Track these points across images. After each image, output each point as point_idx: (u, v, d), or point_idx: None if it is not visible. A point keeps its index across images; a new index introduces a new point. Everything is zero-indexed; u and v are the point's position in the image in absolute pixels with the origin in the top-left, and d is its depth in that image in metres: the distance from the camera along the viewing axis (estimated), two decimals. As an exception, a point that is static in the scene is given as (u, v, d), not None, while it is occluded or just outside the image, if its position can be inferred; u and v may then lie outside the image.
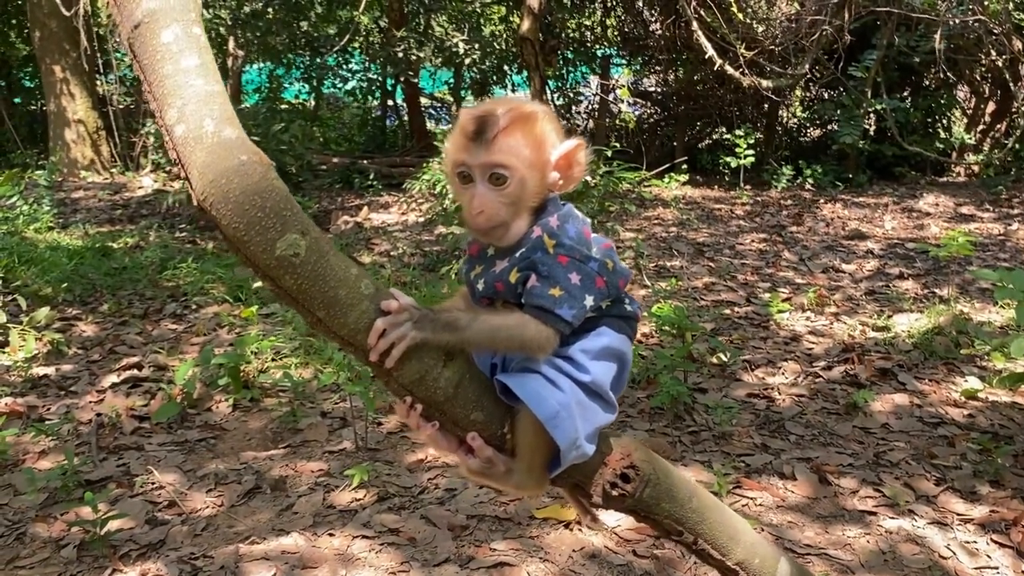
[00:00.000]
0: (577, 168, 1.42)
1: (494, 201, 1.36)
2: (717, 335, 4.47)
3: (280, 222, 1.15)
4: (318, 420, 3.51)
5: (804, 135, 11.37)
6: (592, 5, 10.88)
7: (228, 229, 1.14)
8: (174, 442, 3.34)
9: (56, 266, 5.60)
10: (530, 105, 1.43)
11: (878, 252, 6.60)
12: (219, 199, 1.13)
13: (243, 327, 4.61)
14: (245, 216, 1.13)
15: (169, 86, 1.16)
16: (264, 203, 1.14)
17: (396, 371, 1.25)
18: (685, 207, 8.17)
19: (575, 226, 1.39)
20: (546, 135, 1.40)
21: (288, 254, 1.15)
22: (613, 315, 1.44)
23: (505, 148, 1.35)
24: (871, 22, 8.93)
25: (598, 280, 1.37)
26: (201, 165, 1.14)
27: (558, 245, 1.35)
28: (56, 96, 9.83)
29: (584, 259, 1.36)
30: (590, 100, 11.30)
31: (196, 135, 1.15)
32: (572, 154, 1.41)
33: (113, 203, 8.64)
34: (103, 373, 4.08)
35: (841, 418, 3.53)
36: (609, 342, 1.42)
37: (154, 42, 1.17)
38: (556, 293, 1.32)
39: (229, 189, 1.13)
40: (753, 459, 3.14)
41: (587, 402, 1.37)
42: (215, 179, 1.13)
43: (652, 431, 3.35)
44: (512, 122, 1.36)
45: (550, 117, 1.43)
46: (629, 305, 1.47)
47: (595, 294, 1.36)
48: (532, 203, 1.39)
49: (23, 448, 3.26)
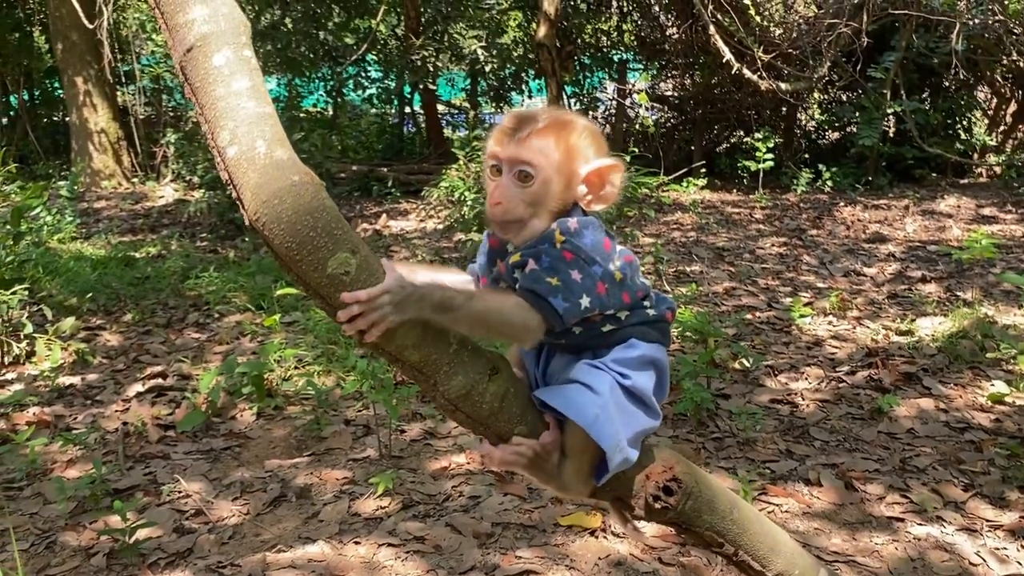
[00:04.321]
0: (609, 189, 1.43)
1: (515, 196, 1.37)
2: (739, 340, 4.45)
3: (331, 241, 1.16)
4: (342, 428, 3.52)
5: (823, 138, 11.31)
6: (608, 10, 10.87)
7: (280, 248, 1.16)
8: (199, 450, 3.37)
9: (80, 276, 5.66)
10: (576, 117, 1.46)
11: (899, 255, 6.55)
12: (272, 219, 1.15)
13: (265, 335, 4.64)
14: (297, 236, 1.15)
15: (221, 108, 1.18)
16: (316, 223, 1.15)
17: (442, 385, 1.26)
18: (704, 211, 8.15)
19: (594, 235, 1.39)
20: (581, 147, 1.41)
21: (339, 272, 1.17)
22: (636, 324, 1.43)
23: (535, 147, 1.37)
24: (889, 23, 8.88)
25: (599, 285, 1.36)
26: (254, 186, 1.16)
27: (567, 241, 1.35)
28: (78, 107, 9.95)
29: (589, 261, 1.35)
30: (607, 105, 11.29)
31: (248, 156, 1.17)
32: (605, 172, 1.42)
33: (135, 213, 8.73)
34: (128, 382, 4.11)
35: (866, 423, 3.51)
36: (643, 352, 1.42)
37: (206, 65, 1.19)
38: (553, 282, 1.31)
39: (282, 209, 1.14)
40: (778, 465, 3.13)
41: (628, 406, 1.38)
42: (268, 200, 1.15)
43: (676, 437, 3.34)
44: (549, 125, 1.39)
45: (592, 133, 1.44)
46: (653, 308, 1.46)
47: (593, 298, 1.35)
48: (553, 207, 1.39)
49: (51, 457, 3.30)
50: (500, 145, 1.39)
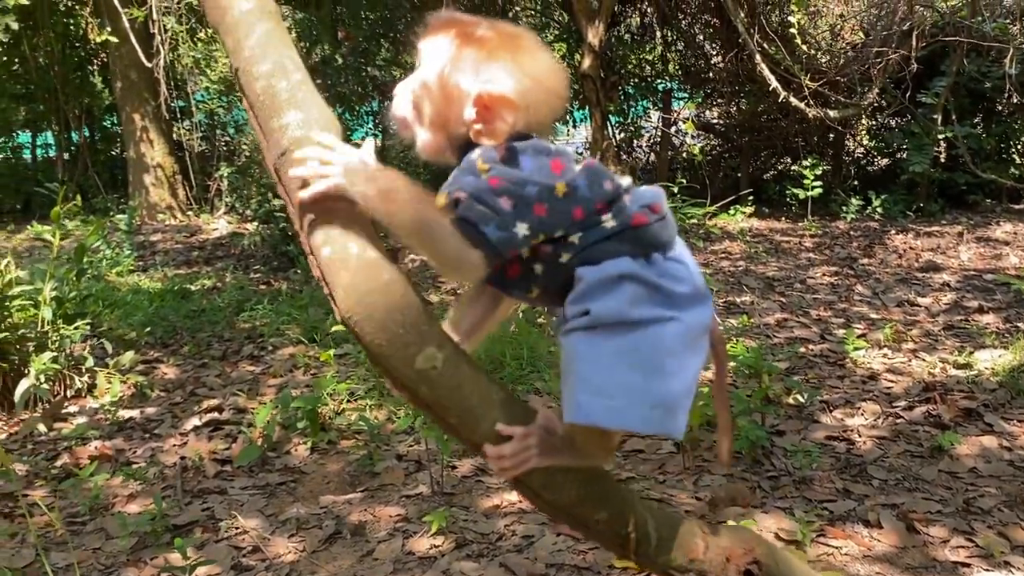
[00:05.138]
0: (498, 121, 1.25)
1: (403, 97, 1.31)
2: (792, 374, 4.39)
3: (419, 337, 1.20)
4: (394, 463, 3.55)
5: (872, 164, 11.17)
6: (652, 40, 10.91)
7: (371, 345, 1.19)
8: (255, 486, 3.42)
9: (138, 309, 5.81)
10: (514, 35, 1.30)
11: (954, 284, 6.42)
12: (363, 318, 1.18)
13: (318, 368, 4.71)
14: (387, 333, 1.18)
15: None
16: (405, 320, 1.19)
17: (524, 478, 1.28)
18: (752, 240, 8.09)
19: (535, 160, 1.23)
20: (485, 66, 1.25)
21: (427, 367, 1.20)
22: (594, 243, 1.25)
23: (430, 44, 1.28)
24: (939, 49, 8.78)
25: (536, 207, 1.20)
26: (346, 285, 1.19)
27: (491, 170, 1.21)
28: (136, 143, 10.25)
29: (520, 183, 1.20)
30: (652, 134, 11.30)
31: (342, 257, 1.20)
32: (497, 100, 1.24)
33: (189, 245, 8.93)
34: (185, 416, 4.20)
35: (926, 461, 3.44)
36: (603, 273, 1.24)
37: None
38: (482, 211, 1.18)
39: (373, 309, 1.18)
40: (836, 505, 3.07)
41: (601, 345, 1.21)
42: (360, 299, 1.18)
43: (730, 476, 3.30)
44: (460, 28, 1.27)
45: (521, 63, 1.26)
46: (614, 218, 1.26)
47: (532, 222, 1.20)
48: (438, 126, 1.28)
49: (113, 491, 3.38)
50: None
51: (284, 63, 1.28)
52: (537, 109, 1.28)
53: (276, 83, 1.25)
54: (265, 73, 1.26)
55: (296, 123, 1.23)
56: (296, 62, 1.30)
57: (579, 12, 9.20)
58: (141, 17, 8.34)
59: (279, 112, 1.24)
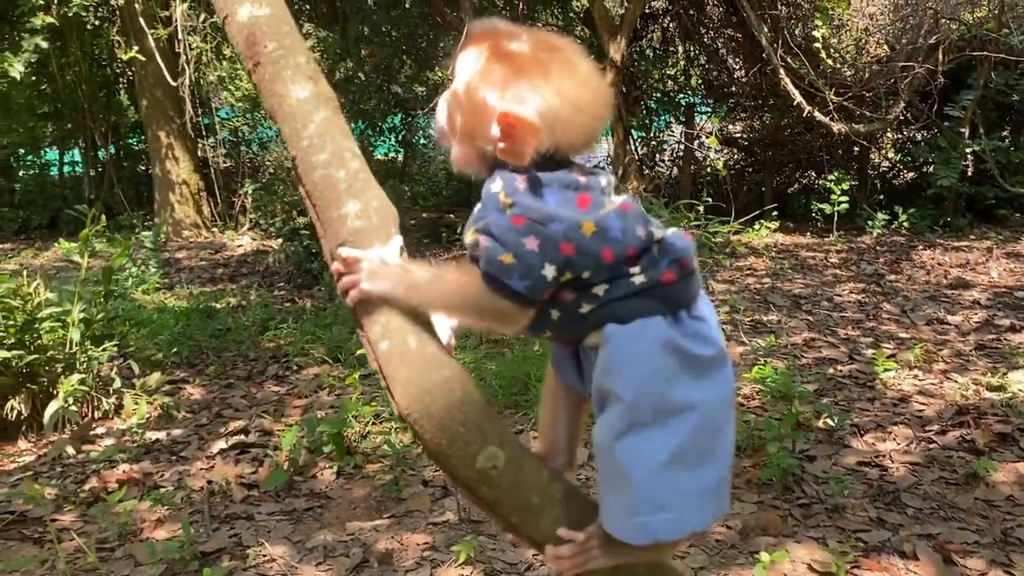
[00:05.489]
0: (519, 143, 1.20)
1: (442, 109, 1.30)
2: (821, 396, 4.34)
3: (480, 436, 1.18)
4: (420, 489, 3.53)
5: (897, 177, 11.07)
6: (675, 55, 10.89)
7: (431, 444, 1.18)
8: (282, 511, 3.41)
9: (164, 328, 5.85)
10: (555, 47, 1.25)
11: (985, 302, 6.33)
12: (422, 415, 1.17)
13: (342, 388, 4.71)
14: (447, 432, 1.17)
15: (375, 301, 1.22)
16: (465, 418, 1.17)
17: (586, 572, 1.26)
18: (777, 255, 8.02)
19: (561, 194, 1.19)
20: (514, 84, 1.20)
21: (487, 467, 1.19)
22: (620, 297, 1.20)
23: (464, 57, 1.27)
24: (966, 61, 8.69)
25: (563, 246, 1.15)
26: (404, 380, 1.18)
27: (515, 205, 1.16)
28: (161, 160, 10.36)
29: (545, 220, 1.15)
30: (674, 148, 11.26)
31: (400, 351, 1.19)
32: (516, 121, 1.18)
33: (214, 262, 8.99)
34: (211, 438, 4.21)
35: (961, 489, 3.37)
36: (631, 339, 1.19)
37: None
38: (506, 260, 1.14)
39: (432, 406, 1.17)
40: (870, 535, 3.02)
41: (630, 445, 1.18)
42: (419, 396, 1.17)
43: (761, 503, 3.26)
44: (496, 42, 1.24)
45: (554, 82, 1.21)
46: (643, 273, 1.20)
47: (559, 262, 1.15)
48: (471, 144, 1.25)
49: (140, 516, 3.38)
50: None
51: (342, 152, 1.28)
52: (568, 129, 1.21)
53: (334, 173, 1.25)
54: (323, 162, 1.26)
55: (355, 213, 1.24)
56: (354, 151, 1.30)
57: (601, 27, 9.20)
58: (166, 36, 8.45)
59: (338, 202, 1.24)
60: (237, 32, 1.32)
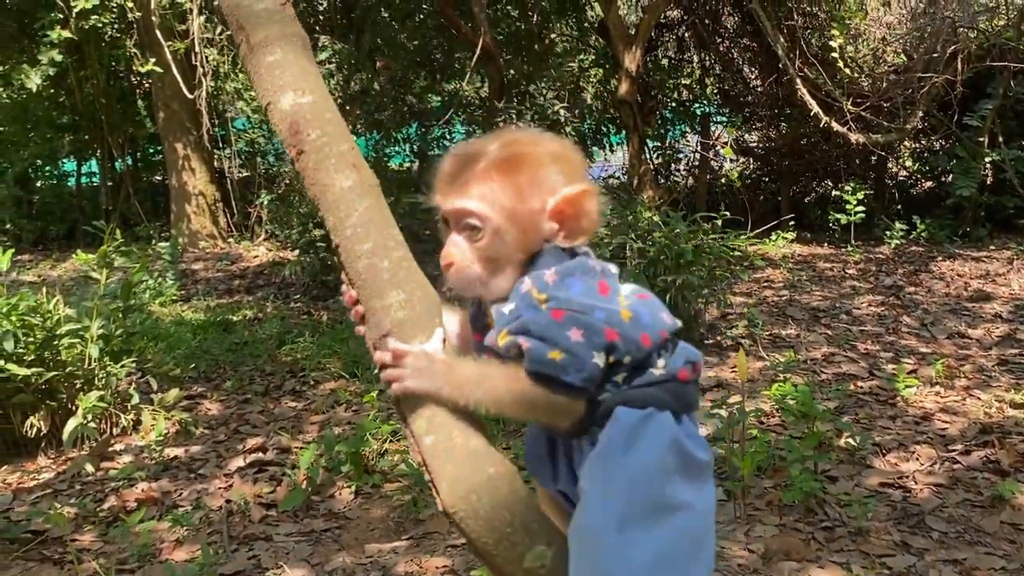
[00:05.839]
0: (584, 218, 1.24)
1: (466, 253, 1.23)
2: (842, 414, 4.29)
3: (528, 535, 1.17)
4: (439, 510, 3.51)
5: (915, 187, 10.99)
6: (690, 65, 10.87)
7: (477, 543, 1.18)
8: (300, 532, 3.40)
9: (182, 342, 5.86)
10: (530, 145, 1.27)
11: (1006, 315, 6.26)
12: (468, 514, 1.16)
13: (359, 405, 4.70)
14: (494, 532, 1.16)
15: (419, 396, 1.21)
16: (512, 518, 1.16)
17: None
18: (795, 267, 7.97)
19: (583, 282, 1.20)
20: (539, 179, 1.23)
21: (536, 566, 1.17)
22: (636, 386, 1.20)
23: (478, 194, 1.21)
24: (985, 70, 8.62)
25: (607, 332, 1.15)
26: (450, 478, 1.18)
27: (550, 299, 1.16)
28: (178, 171, 10.41)
29: (584, 310, 1.15)
30: (689, 158, 11.23)
31: (446, 447, 1.19)
32: (576, 200, 1.23)
33: (231, 273, 9.02)
34: (229, 455, 4.21)
35: (986, 512, 3.32)
36: (645, 427, 1.19)
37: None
38: (556, 357, 1.14)
39: (479, 505, 1.16)
40: (895, 560, 2.98)
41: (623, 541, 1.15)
42: (465, 495, 1.17)
43: (783, 526, 3.22)
44: (491, 164, 1.22)
45: (555, 156, 1.26)
46: (664, 366, 1.22)
47: (606, 349, 1.16)
48: (517, 258, 1.23)
49: (159, 536, 3.38)
50: (441, 194, 1.25)
51: (386, 242, 1.28)
52: (593, 204, 1.29)
53: (378, 262, 1.25)
54: (367, 252, 1.26)
55: (398, 303, 1.23)
56: (397, 239, 1.30)
57: (616, 37, 9.18)
58: (183, 49, 8.49)
59: (381, 292, 1.24)
60: (280, 120, 1.32)
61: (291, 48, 1.36)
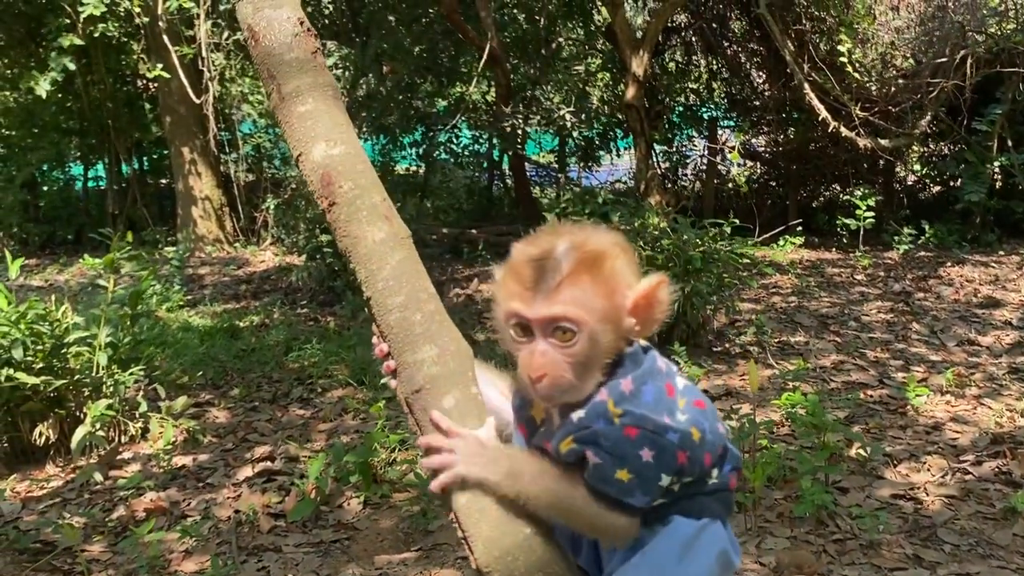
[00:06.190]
0: (658, 309, 1.21)
1: (559, 362, 1.15)
2: (852, 423, 4.27)
3: None
4: (448, 521, 3.49)
5: (924, 191, 10.95)
6: (698, 69, 10.85)
7: None
8: (309, 543, 3.39)
9: (189, 348, 5.86)
10: (596, 238, 1.22)
11: (1016, 322, 6.23)
12: (504, 573, 1.17)
13: (367, 413, 4.69)
14: None
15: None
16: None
17: None
18: (803, 272, 7.95)
19: (654, 387, 1.18)
20: (619, 275, 1.18)
21: None
22: (693, 495, 1.22)
23: (570, 299, 1.14)
24: (994, 75, 8.59)
25: (679, 455, 1.15)
26: (485, 539, 1.19)
27: (625, 415, 1.14)
28: (184, 176, 10.43)
29: (659, 430, 1.14)
30: (697, 162, 11.21)
31: (480, 507, 1.20)
32: (652, 294, 1.20)
33: (237, 278, 9.03)
34: (237, 464, 4.20)
35: (999, 524, 3.30)
36: (693, 533, 1.21)
37: (436, 408, 1.23)
38: (624, 477, 1.13)
39: (515, 566, 1.17)
40: (907, 574, 2.96)
41: None
42: (501, 556, 1.18)
43: (794, 539, 3.20)
44: (578, 265, 1.16)
45: (623, 247, 1.23)
46: (716, 477, 1.24)
47: (674, 473, 1.16)
48: (606, 360, 1.18)
49: (168, 547, 3.37)
50: (522, 301, 1.16)
51: (418, 294, 1.27)
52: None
53: (410, 316, 1.25)
54: (399, 305, 1.26)
55: (431, 359, 1.23)
56: (429, 291, 1.29)
57: (623, 42, 9.17)
58: (190, 54, 8.50)
59: (413, 346, 1.24)
60: (311, 171, 1.32)
61: (322, 98, 1.35)
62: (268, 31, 1.36)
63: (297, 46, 1.36)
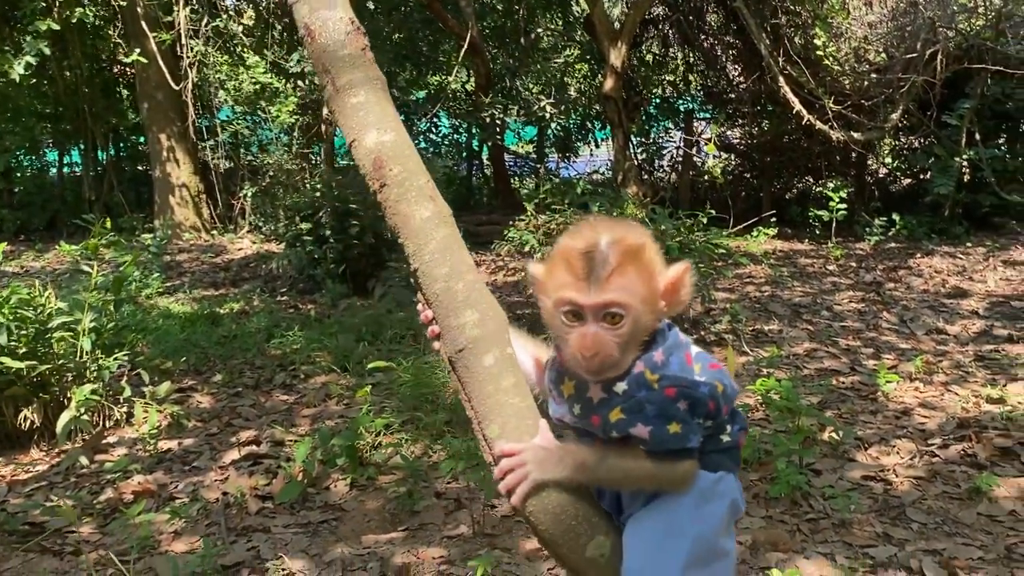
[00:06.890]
0: (684, 291, 1.40)
1: (608, 342, 1.31)
2: (824, 408, 4.40)
3: (590, 527, 1.32)
4: (433, 501, 3.58)
5: (895, 183, 11.16)
6: (675, 61, 10.96)
7: (544, 534, 1.32)
8: (297, 524, 3.45)
9: (170, 335, 5.88)
10: (632, 232, 1.39)
11: (982, 312, 6.41)
12: (539, 510, 1.30)
13: (351, 398, 4.75)
14: (561, 525, 1.30)
15: (491, 404, 1.35)
16: (577, 512, 1.31)
17: None
18: (776, 262, 8.10)
19: (678, 357, 1.38)
20: (654, 264, 1.37)
21: (596, 555, 1.32)
22: (708, 451, 1.40)
23: (619, 287, 1.31)
24: (963, 71, 8.78)
25: (710, 404, 1.35)
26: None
27: (662, 379, 1.33)
28: (162, 163, 10.38)
29: (692, 385, 1.34)
30: (673, 154, 11.33)
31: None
32: (680, 279, 1.39)
33: (215, 265, 9.02)
34: (223, 447, 4.25)
35: (964, 504, 3.44)
36: (710, 486, 1.39)
37: (477, 365, 1.35)
38: (676, 429, 1.31)
39: (549, 501, 1.30)
40: (877, 551, 3.08)
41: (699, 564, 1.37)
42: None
43: (769, 518, 3.32)
44: (623, 257, 1.33)
45: (651, 238, 1.41)
46: (729, 434, 1.43)
47: (707, 416, 1.36)
48: (644, 337, 1.36)
49: (158, 528, 3.42)
50: (575, 290, 1.32)
51: (459, 266, 1.40)
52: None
53: (453, 285, 1.38)
54: (443, 275, 1.38)
55: (472, 322, 1.36)
56: (469, 264, 1.41)
57: (601, 33, 9.25)
58: (169, 40, 8.46)
59: (456, 312, 1.36)
60: (364, 156, 1.44)
61: (373, 90, 1.47)
62: (323, 30, 1.49)
63: (349, 43, 1.49)
